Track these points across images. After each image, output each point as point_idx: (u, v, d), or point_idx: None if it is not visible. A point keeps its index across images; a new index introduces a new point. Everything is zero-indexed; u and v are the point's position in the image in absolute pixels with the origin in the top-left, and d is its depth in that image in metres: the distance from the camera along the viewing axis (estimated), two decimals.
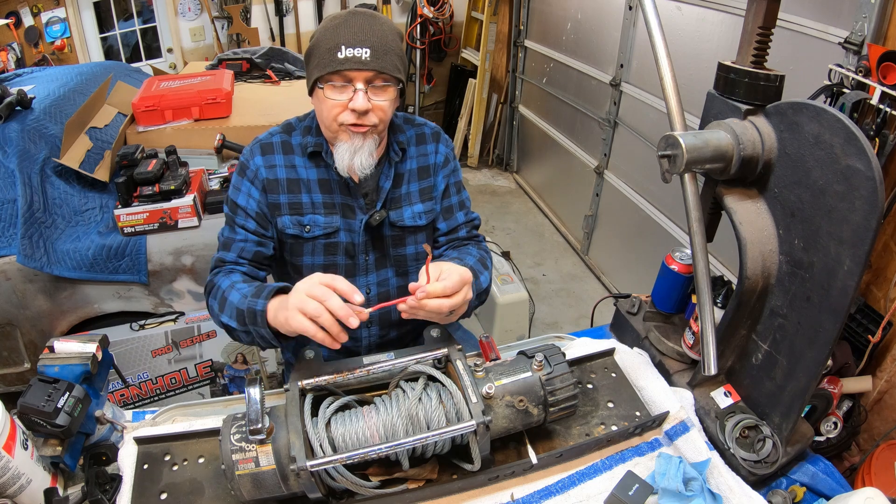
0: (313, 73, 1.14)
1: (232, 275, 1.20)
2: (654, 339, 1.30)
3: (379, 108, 1.13)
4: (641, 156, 2.98)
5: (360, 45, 1.09)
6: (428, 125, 1.35)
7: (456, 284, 1.00)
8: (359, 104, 1.10)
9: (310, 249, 1.26)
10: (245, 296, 1.10)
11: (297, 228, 1.23)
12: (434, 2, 4.60)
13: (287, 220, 1.23)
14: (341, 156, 1.17)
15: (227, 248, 1.24)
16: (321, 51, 1.11)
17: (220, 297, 1.16)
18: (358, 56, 1.09)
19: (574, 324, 3.13)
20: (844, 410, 1.65)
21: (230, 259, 1.23)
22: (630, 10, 2.92)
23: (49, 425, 0.93)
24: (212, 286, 1.21)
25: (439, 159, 1.33)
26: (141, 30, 4.24)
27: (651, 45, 0.96)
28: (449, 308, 1.00)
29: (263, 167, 1.22)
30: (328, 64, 1.10)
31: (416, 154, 1.31)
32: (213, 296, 1.19)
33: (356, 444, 0.91)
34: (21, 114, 2.10)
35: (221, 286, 1.17)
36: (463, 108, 4.77)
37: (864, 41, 1.62)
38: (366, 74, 1.10)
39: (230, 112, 2.52)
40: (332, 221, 1.24)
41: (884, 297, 1.63)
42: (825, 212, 0.91)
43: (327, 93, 1.12)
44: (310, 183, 1.24)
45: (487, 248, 1.37)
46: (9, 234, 1.91)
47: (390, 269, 1.32)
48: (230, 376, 2.26)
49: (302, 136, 1.25)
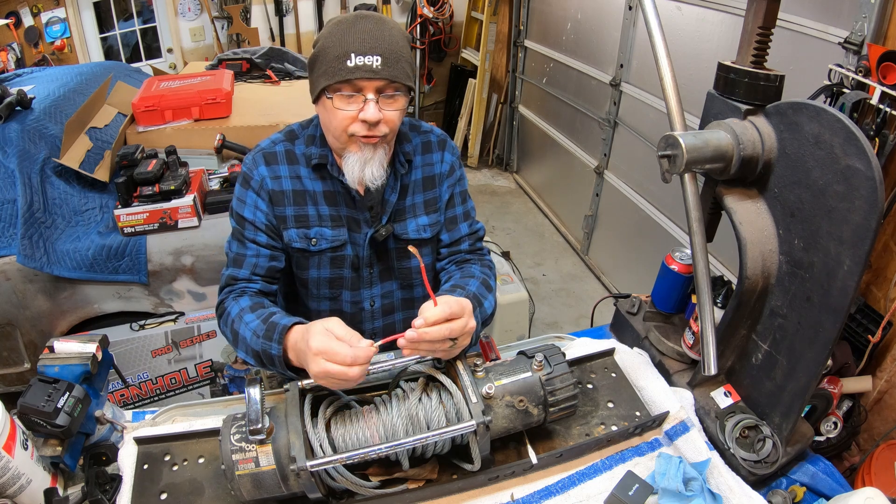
0: (320, 80, 1.08)
1: (240, 299, 1.15)
2: (654, 339, 1.30)
3: (390, 118, 1.09)
4: (641, 156, 2.99)
5: (370, 52, 1.04)
6: (434, 132, 1.31)
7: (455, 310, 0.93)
8: (370, 115, 1.06)
9: (316, 263, 1.23)
10: (257, 335, 1.04)
11: (303, 242, 1.20)
12: (434, 2, 4.60)
13: (293, 233, 1.20)
14: (351, 167, 1.12)
15: (239, 264, 1.19)
16: (329, 58, 1.06)
17: (231, 327, 1.11)
18: (368, 64, 1.03)
19: (574, 324, 3.13)
20: (844, 410, 1.65)
21: (243, 276, 1.19)
22: (630, 10, 2.92)
23: (49, 425, 0.93)
24: (223, 311, 1.16)
25: (444, 168, 1.28)
26: (141, 30, 4.24)
27: (651, 45, 0.96)
28: (450, 333, 0.92)
29: (269, 178, 1.18)
30: (337, 72, 1.04)
31: (421, 164, 1.27)
32: (225, 322, 1.15)
33: (356, 445, 0.91)
34: (21, 114, 2.10)
35: (231, 314, 1.12)
36: (463, 108, 4.77)
37: (863, 41, 1.62)
38: (377, 84, 1.06)
39: (230, 112, 2.52)
40: (340, 234, 1.21)
41: (884, 297, 1.63)
42: (825, 212, 0.91)
43: (336, 103, 1.07)
44: (315, 195, 1.20)
45: (492, 264, 1.32)
46: (9, 234, 1.91)
47: (395, 281, 1.30)
48: (230, 376, 2.26)
49: (306, 145, 1.21)
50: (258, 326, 1.05)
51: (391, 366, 1.02)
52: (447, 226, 1.30)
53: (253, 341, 1.05)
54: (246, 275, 1.19)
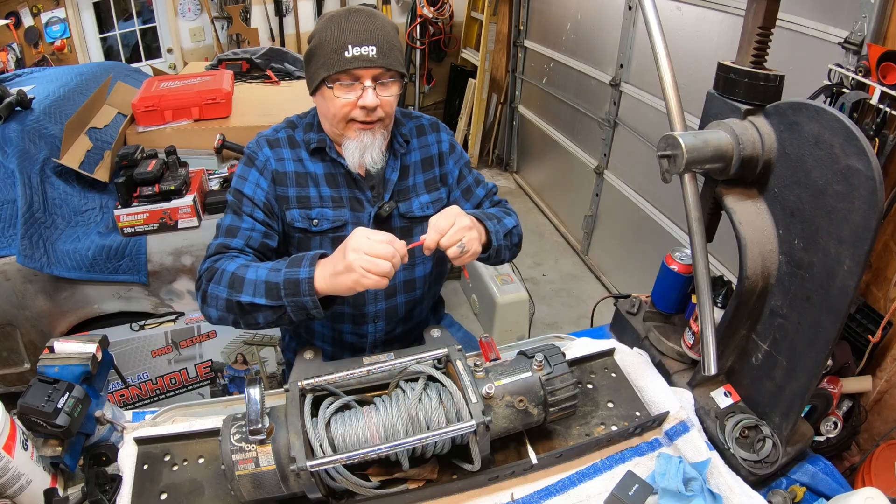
0: (319, 72, 1.15)
1: (237, 258, 1.13)
2: (654, 339, 1.30)
3: (386, 102, 1.17)
4: (641, 156, 2.98)
5: (365, 43, 1.11)
6: (424, 117, 1.38)
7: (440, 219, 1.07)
8: (368, 101, 1.13)
9: (318, 243, 1.26)
10: (276, 269, 1.05)
11: (305, 222, 1.24)
12: (434, 2, 4.60)
13: (296, 213, 1.24)
14: (351, 153, 1.19)
15: (233, 234, 1.18)
16: (326, 51, 1.13)
17: (228, 278, 1.08)
18: (365, 54, 1.11)
19: (574, 324, 3.13)
20: (844, 410, 1.65)
21: (236, 245, 1.16)
22: (630, 10, 2.92)
23: (49, 426, 0.93)
24: (213, 273, 1.11)
25: (444, 147, 1.35)
26: (141, 30, 4.24)
27: (651, 45, 0.96)
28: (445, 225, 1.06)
29: (273, 159, 1.23)
30: (335, 63, 1.12)
31: (417, 146, 1.33)
32: (217, 281, 1.09)
33: (356, 445, 0.91)
34: (21, 114, 2.10)
35: (228, 269, 1.09)
36: (463, 108, 4.77)
37: (863, 41, 1.62)
38: (373, 72, 1.13)
39: (230, 112, 2.52)
40: (341, 215, 1.25)
41: (884, 297, 1.63)
42: (825, 212, 0.91)
43: (336, 92, 1.14)
44: (317, 177, 1.25)
45: (508, 205, 1.41)
46: (9, 234, 1.91)
47: None
48: (230, 376, 2.26)
49: (304, 132, 1.27)
50: (277, 264, 1.07)
51: (391, 366, 1.02)
52: (464, 195, 1.38)
53: (271, 275, 1.05)
54: (240, 245, 1.17)
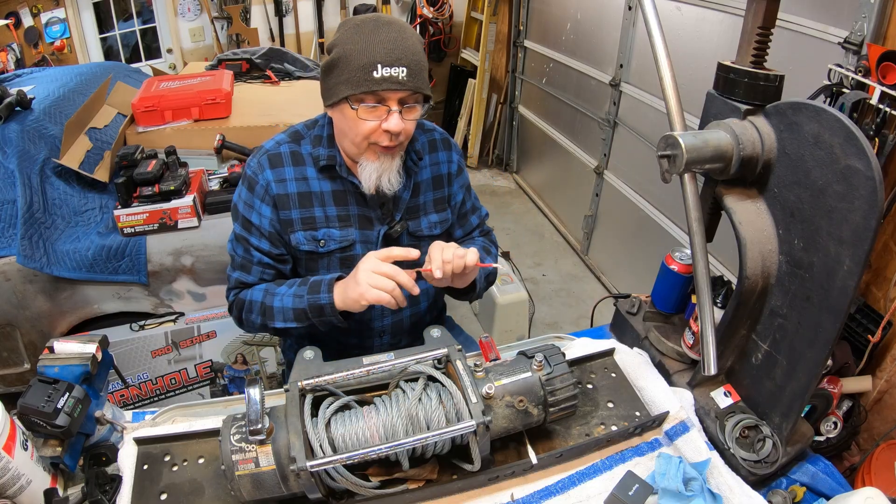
0: (341, 88, 1.07)
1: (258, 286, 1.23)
2: (654, 339, 1.30)
3: (409, 129, 1.11)
4: (641, 156, 2.98)
5: (396, 63, 1.04)
6: (437, 131, 1.33)
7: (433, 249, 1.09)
8: (393, 125, 1.07)
9: (325, 264, 1.24)
10: (299, 296, 1.15)
11: (311, 244, 1.21)
12: (434, 2, 4.60)
13: (301, 235, 1.20)
14: (368, 175, 1.14)
15: (247, 270, 1.23)
16: (353, 66, 1.05)
17: (259, 308, 1.19)
18: (395, 76, 1.04)
19: (574, 324, 3.13)
20: (844, 410, 1.65)
21: (251, 281, 1.24)
22: (630, 10, 2.92)
23: (49, 426, 0.92)
24: (242, 303, 1.23)
25: (453, 168, 1.33)
26: (140, 30, 4.24)
27: (651, 45, 0.96)
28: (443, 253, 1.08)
29: (274, 182, 1.18)
30: (363, 83, 1.04)
31: (429, 163, 1.29)
32: (249, 310, 1.21)
33: (356, 445, 0.91)
34: (21, 114, 2.10)
35: (256, 299, 1.20)
36: (463, 108, 4.77)
37: (863, 41, 1.62)
38: (401, 95, 1.07)
39: (230, 112, 2.52)
40: (348, 234, 1.22)
41: (884, 297, 1.63)
42: (825, 212, 0.91)
43: (361, 114, 1.07)
44: (323, 196, 1.20)
45: (495, 240, 1.44)
46: (9, 234, 1.90)
47: None
48: (230, 377, 2.26)
49: (312, 146, 1.21)
50: (298, 290, 1.16)
51: (391, 366, 1.02)
52: (459, 221, 1.38)
53: (297, 302, 1.15)
54: (254, 280, 1.24)
